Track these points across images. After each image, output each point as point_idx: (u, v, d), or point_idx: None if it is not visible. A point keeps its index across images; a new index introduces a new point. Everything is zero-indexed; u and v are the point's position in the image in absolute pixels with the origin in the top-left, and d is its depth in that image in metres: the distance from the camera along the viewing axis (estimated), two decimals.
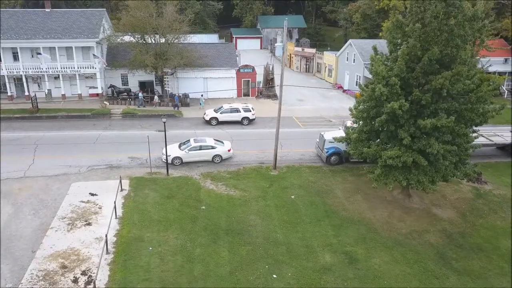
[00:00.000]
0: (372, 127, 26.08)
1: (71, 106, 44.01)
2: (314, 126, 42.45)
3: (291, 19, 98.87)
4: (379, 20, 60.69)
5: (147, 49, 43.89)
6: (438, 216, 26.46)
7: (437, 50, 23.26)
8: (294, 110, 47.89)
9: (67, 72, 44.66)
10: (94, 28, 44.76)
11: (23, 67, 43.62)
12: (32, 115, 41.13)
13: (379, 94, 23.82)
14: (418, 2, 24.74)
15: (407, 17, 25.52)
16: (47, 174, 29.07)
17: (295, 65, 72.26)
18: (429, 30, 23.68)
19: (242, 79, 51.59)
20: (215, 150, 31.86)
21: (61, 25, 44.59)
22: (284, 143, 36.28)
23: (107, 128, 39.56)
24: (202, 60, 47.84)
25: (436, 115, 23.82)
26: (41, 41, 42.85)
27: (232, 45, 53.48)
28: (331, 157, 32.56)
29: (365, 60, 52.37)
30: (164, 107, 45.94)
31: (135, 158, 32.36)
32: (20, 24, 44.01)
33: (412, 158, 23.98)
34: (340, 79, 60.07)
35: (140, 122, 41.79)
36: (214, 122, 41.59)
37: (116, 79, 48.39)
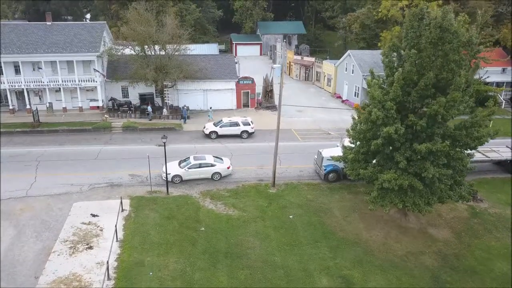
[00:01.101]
0: (368, 148, 26.48)
1: (72, 119, 44.44)
2: (313, 140, 42.89)
3: (291, 25, 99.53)
4: (377, 30, 61.05)
5: (148, 63, 44.27)
6: (434, 236, 26.88)
7: (432, 75, 23.71)
8: (293, 122, 48.26)
9: (68, 85, 45.09)
10: (95, 41, 45.17)
11: (25, 80, 44.06)
12: (33, 129, 41.57)
13: (375, 118, 24.25)
14: (414, 28, 25.25)
15: (403, 41, 25.98)
16: (49, 193, 29.52)
17: (294, 73, 72.62)
18: (424, 55, 24.13)
19: (241, 90, 51.99)
20: (214, 167, 32.30)
21: (62, 38, 45.00)
22: (283, 158, 36.70)
23: (108, 143, 40.00)
24: (202, 72, 48.29)
25: (432, 139, 24.23)
26: (42, 55, 43.28)
27: (231, 57, 53.82)
28: (329, 175, 32.99)
29: (364, 71, 52.78)
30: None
31: (135, 175, 32.79)
32: (22, 38, 44.42)
33: (408, 181, 24.40)
34: (339, 89, 60.46)
35: (141, 136, 42.23)
36: (213, 136, 42.02)
37: (117, 91, 48.82)
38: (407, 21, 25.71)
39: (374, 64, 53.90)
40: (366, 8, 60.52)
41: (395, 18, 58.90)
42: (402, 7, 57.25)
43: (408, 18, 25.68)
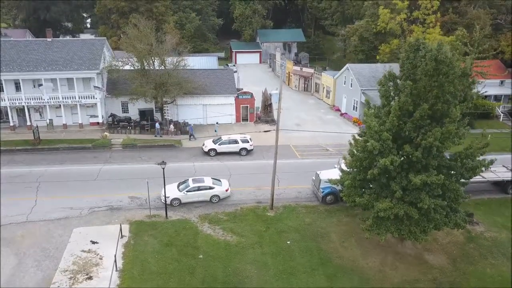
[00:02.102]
0: (365, 176, 26.79)
1: (72, 136, 44.79)
2: (311, 157, 43.23)
3: (290, 33, 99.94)
4: (376, 42, 61.37)
5: (147, 81, 44.57)
6: (430, 263, 27.18)
7: (427, 107, 24.03)
8: (291, 137, 48.47)
9: (68, 102, 45.43)
10: (95, 58, 45.49)
11: (25, 98, 44.39)
12: (34, 147, 41.90)
13: (372, 149, 24.55)
14: (410, 58, 25.55)
15: (399, 71, 26.30)
16: (49, 217, 29.83)
17: (293, 83, 72.97)
18: (420, 86, 24.44)
19: (240, 105, 52.34)
20: (213, 190, 32.62)
21: (63, 56, 45.34)
22: (281, 178, 37.00)
23: (108, 161, 40.33)
24: (201, 88, 48.64)
25: (427, 169, 24.55)
26: (42, 73, 43.63)
27: (231, 71, 54.16)
28: (326, 197, 33.30)
29: (363, 86, 53.19)
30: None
31: (135, 198, 33.11)
32: (22, 55, 44.75)
33: (404, 210, 24.73)
34: (338, 101, 60.78)
35: (140, 153, 42.54)
36: (212, 153, 42.35)
37: (117, 107, 49.16)
38: (403, 52, 26.04)
39: (372, 78, 54.32)
40: (365, 21, 60.81)
41: (394, 31, 59.20)
42: (401, 21, 57.52)
43: (404, 49, 26.00)
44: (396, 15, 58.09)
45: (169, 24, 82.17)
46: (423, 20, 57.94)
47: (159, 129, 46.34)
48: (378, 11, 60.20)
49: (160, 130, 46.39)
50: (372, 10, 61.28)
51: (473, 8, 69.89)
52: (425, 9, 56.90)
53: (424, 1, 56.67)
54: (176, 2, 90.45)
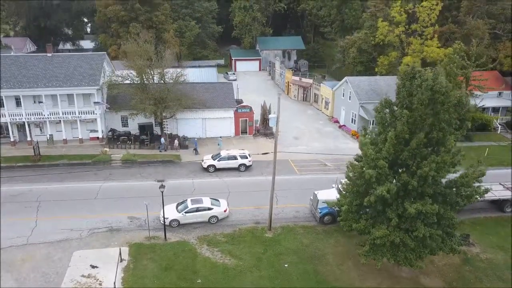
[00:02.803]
0: (362, 201, 27.09)
1: (72, 152, 45.12)
2: (310, 172, 43.53)
3: (290, 41, 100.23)
4: (375, 53, 61.68)
5: (147, 96, 44.87)
6: (426, 287, 27.46)
7: (423, 136, 24.36)
8: (289, 151, 48.75)
9: (68, 118, 45.75)
10: (95, 74, 45.82)
11: (26, 114, 44.71)
12: (34, 163, 42.22)
13: (368, 177, 24.87)
14: (406, 86, 25.85)
15: (396, 98, 26.57)
16: (50, 239, 30.16)
17: (292, 93, 73.28)
18: (416, 115, 24.76)
19: (240, 118, 52.64)
20: (211, 211, 32.92)
21: (63, 71, 45.67)
22: (280, 196, 37.31)
23: (108, 178, 40.64)
24: (201, 102, 48.97)
25: (423, 197, 24.86)
26: (43, 89, 43.97)
27: (230, 85, 54.44)
28: (324, 217, 33.60)
29: (361, 99, 53.48)
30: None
31: (134, 218, 33.42)
32: (23, 71, 45.09)
33: (400, 237, 25.06)
34: (336, 113, 61.08)
35: (140, 170, 42.85)
36: (211, 169, 42.67)
37: (116, 121, 49.48)
38: (399, 80, 26.32)
39: (371, 91, 54.71)
40: (363, 33, 61.11)
41: (392, 43, 59.49)
42: (399, 33, 57.81)
43: (400, 77, 26.29)
44: (395, 27, 58.36)
45: (169, 33, 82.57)
46: (421, 32, 58.23)
47: (164, 144, 46.72)
48: (376, 23, 60.50)
49: (165, 145, 46.74)
50: (371, 22, 61.55)
51: (471, 18, 70.15)
52: (423, 21, 57.18)
53: (423, 14, 56.92)
54: (176, 10, 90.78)
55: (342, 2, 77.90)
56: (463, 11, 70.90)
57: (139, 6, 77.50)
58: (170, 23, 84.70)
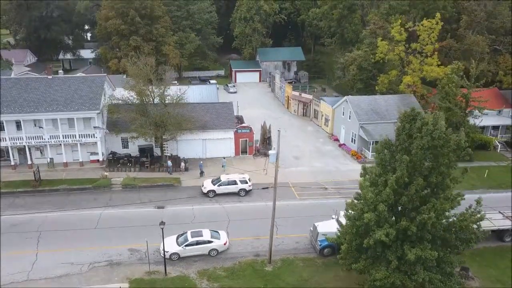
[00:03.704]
0: (361, 241, 27.17)
1: (72, 175, 45.21)
2: (310, 197, 43.58)
3: (290, 52, 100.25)
4: (375, 70, 61.75)
5: (148, 120, 44.94)
6: None
7: (422, 181, 24.48)
8: (289, 173, 48.79)
9: (68, 141, 45.84)
10: (95, 97, 45.88)
11: (26, 137, 44.78)
12: (34, 189, 42.29)
13: (368, 221, 24.96)
14: (405, 129, 25.93)
15: (395, 140, 26.64)
16: (50, 275, 30.27)
17: (292, 108, 73.34)
18: (415, 160, 24.85)
19: (240, 139, 52.72)
20: (211, 244, 33.01)
21: (63, 95, 45.75)
22: (280, 224, 37.34)
23: (108, 204, 40.72)
24: (201, 123, 49.08)
25: (422, 241, 24.96)
26: (43, 114, 44.06)
27: (230, 105, 54.51)
28: (324, 250, 33.68)
29: (361, 120, 53.53)
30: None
31: (134, 250, 33.50)
32: (23, 94, 45.17)
33: (400, 279, 25.17)
34: (336, 131, 61.14)
35: (140, 195, 42.93)
36: (211, 195, 42.77)
37: (117, 143, 49.53)
38: (399, 122, 26.42)
39: (371, 111, 54.78)
40: (363, 50, 61.20)
41: (392, 61, 59.58)
42: (399, 52, 57.90)
43: (400, 119, 26.38)
44: (395, 45, 58.45)
45: (169, 46, 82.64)
46: (421, 49, 58.31)
47: (170, 166, 46.98)
48: (376, 41, 60.56)
49: (171, 168, 47.05)
50: (370, 39, 61.64)
51: (471, 33, 70.28)
52: (423, 41, 57.26)
53: (423, 34, 57.02)
54: (176, 22, 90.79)
55: (342, 16, 77.93)
56: (462, 26, 71.09)
57: (139, 20, 77.51)
58: (170, 35, 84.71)
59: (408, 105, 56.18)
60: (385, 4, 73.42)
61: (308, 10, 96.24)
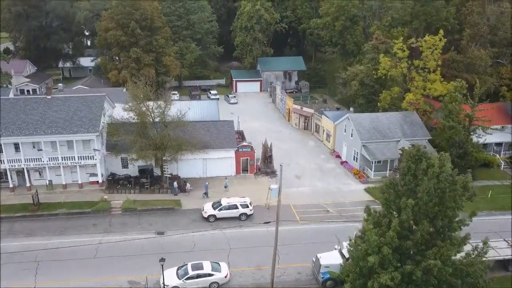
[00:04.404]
0: (365, 281, 26.70)
1: (71, 198, 44.73)
2: (312, 221, 43.04)
3: (291, 61, 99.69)
4: (377, 86, 61.17)
5: (148, 142, 44.44)
6: None
7: (427, 226, 24.01)
8: (291, 194, 48.13)
9: (67, 164, 45.33)
10: (95, 119, 45.37)
11: (25, 160, 44.28)
12: (33, 213, 41.80)
13: (371, 264, 24.48)
14: (411, 169, 25.43)
15: (400, 181, 26.12)
16: None
17: (293, 121, 72.78)
18: (421, 204, 24.35)
19: (241, 158, 52.22)
20: (212, 277, 32.52)
21: (62, 116, 45.24)
22: (281, 252, 36.75)
23: (107, 230, 40.27)
24: (202, 143, 48.56)
25: (427, 287, 24.49)
26: (42, 136, 43.58)
27: (231, 123, 53.96)
28: (326, 282, 33.12)
29: (363, 138, 52.94)
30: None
31: (134, 282, 33.01)
32: (22, 116, 44.66)
33: None
34: (338, 147, 60.56)
35: (140, 219, 42.43)
36: (212, 219, 42.29)
37: (117, 164, 49.00)
38: (404, 162, 25.92)
39: (373, 129, 54.21)
40: (365, 66, 60.62)
41: (395, 77, 59.00)
42: (402, 69, 57.31)
43: (405, 158, 25.87)
44: (397, 62, 57.83)
45: (169, 57, 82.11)
46: (423, 65, 57.66)
47: (176, 188, 46.66)
48: (378, 56, 59.93)
49: (177, 189, 46.73)
50: (372, 54, 61.05)
51: (474, 46, 69.71)
52: (426, 57, 56.66)
53: (426, 51, 56.42)
54: (177, 31, 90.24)
55: (344, 28, 77.28)
56: (465, 39, 70.51)
57: (139, 31, 76.92)
58: (170, 46, 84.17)
59: (411, 122, 55.92)
60: (387, 16, 72.88)
61: (309, 19, 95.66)
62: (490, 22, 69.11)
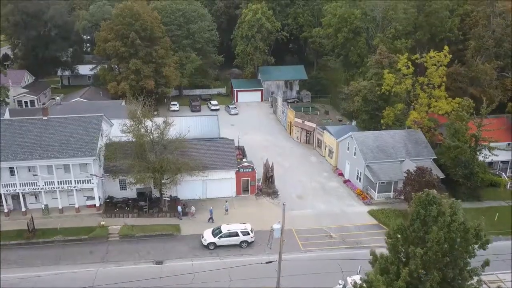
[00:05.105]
0: None
1: (68, 223, 43.65)
2: (315, 248, 42.07)
3: (292, 70, 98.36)
4: (380, 102, 59.91)
5: (147, 165, 43.37)
6: None
7: (437, 276, 22.85)
8: (293, 217, 46.82)
9: (64, 188, 44.23)
10: (92, 141, 44.20)
11: (20, 184, 43.18)
12: (28, 241, 40.70)
13: None
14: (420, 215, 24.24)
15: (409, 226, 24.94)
16: None
17: (295, 135, 71.58)
18: (430, 253, 23.20)
19: (241, 178, 51.08)
20: None
21: (58, 138, 44.09)
22: (283, 285, 35.58)
23: (104, 259, 39.23)
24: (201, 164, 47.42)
25: None
26: (38, 161, 42.48)
27: (231, 142, 52.80)
28: None
29: (367, 159, 51.79)
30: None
31: None
32: (17, 139, 43.52)
33: None
34: (340, 165, 59.40)
35: (138, 246, 41.36)
36: (212, 247, 41.21)
37: (115, 185, 47.82)
38: (413, 207, 24.72)
39: (376, 148, 53.09)
40: (369, 82, 59.35)
41: (399, 94, 57.81)
42: (406, 87, 56.14)
43: (414, 203, 24.68)
44: (402, 78, 56.64)
45: (169, 67, 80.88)
46: (428, 81, 56.44)
47: (181, 212, 45.87)
48: (382, 71, 58.66)
49: (181, 214, 45.90)
50: (376, 69, 59.76)
51: (479, 59, 68.51)
52: (431, 74, 55.45)
53: (431, 68, 55.20)
54: (176, 41, 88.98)
55: (347, 39, 76.00)
56: (470, 52, 69.27)
57: (139, 42, 75.66)
58: (170, 56, 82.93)
59: (415, 141, 54.70)
60: (390, 28, 71.64)
61: (311, 27, 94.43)
62: (495, 35, 67.83)
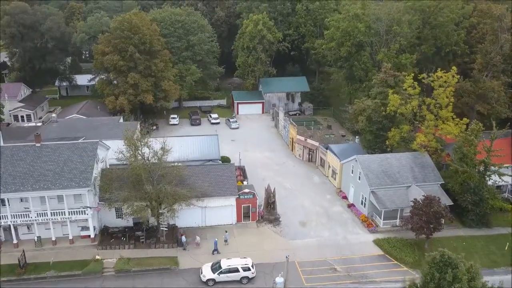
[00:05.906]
0: None
1: (61, 256, 42.00)
2: (318, 282, 40.32)
3: (294, 82, 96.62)
4: (385, 121, 58.01)
5: (143, 196, 41.70)
6: None
7: None
8: (295, 247, 45.34)
9: (57, 219, 42.52)
10: (86, 171, 42.41)
11: (11, 216, 41.50)
12: (19, 277, 39.02)
13: None
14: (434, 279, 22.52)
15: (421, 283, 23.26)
16: None
17: (297, 152, 69.76)
18: None
19: (242, 205, 49.32)
20: None
21: (52, 168, 42.34)
22: None
23: None
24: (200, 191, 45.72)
25: None
26: (30, 192, 40.78)
27: (232, 167, 51.03)
28: None
29: (372, 184, 49.97)
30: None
31: None
32: (9, 168, 41.80)
33: None
34: (344, 187, 57.59)
35: (134, 282, 39.69)
36: (211, 283, 39.51)
37: (110, 214, 46.09)
38: (426, 268, 23.01)
39: (382, 173, 51.33)
40: (373, 102, 57.46)
41: (404, 115, 56.02)
42: (413, 108, 54.34)
43: (427, 264, 22.98)
44: (407, 98, 54.82)
45: (168, 81, 79.13)
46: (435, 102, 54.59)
47: (185, 242, 44.39)
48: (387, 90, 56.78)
49: (185, 244, 44.42)
50: (381, 88, 57.88)
51: (486, 75, 66.75)
52: (438, 95, 53.62)
53: (438, 90, 53.39)
54: (176, 52, 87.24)
55: (350, 54, 74.23)
56: (477, 68, 67.51)
57: (138, 56, 73.89)
58: (169, 69, 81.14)
59: (422, 165, 52.79)
60: (395, 43, 69.86)
61: (314, 38, 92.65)
62: (503, 51, 65.99)
